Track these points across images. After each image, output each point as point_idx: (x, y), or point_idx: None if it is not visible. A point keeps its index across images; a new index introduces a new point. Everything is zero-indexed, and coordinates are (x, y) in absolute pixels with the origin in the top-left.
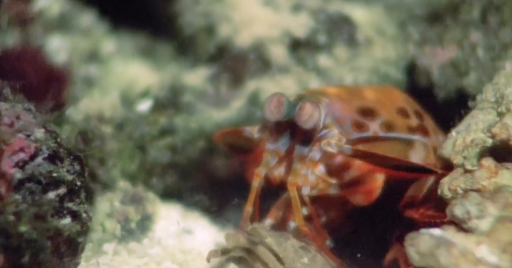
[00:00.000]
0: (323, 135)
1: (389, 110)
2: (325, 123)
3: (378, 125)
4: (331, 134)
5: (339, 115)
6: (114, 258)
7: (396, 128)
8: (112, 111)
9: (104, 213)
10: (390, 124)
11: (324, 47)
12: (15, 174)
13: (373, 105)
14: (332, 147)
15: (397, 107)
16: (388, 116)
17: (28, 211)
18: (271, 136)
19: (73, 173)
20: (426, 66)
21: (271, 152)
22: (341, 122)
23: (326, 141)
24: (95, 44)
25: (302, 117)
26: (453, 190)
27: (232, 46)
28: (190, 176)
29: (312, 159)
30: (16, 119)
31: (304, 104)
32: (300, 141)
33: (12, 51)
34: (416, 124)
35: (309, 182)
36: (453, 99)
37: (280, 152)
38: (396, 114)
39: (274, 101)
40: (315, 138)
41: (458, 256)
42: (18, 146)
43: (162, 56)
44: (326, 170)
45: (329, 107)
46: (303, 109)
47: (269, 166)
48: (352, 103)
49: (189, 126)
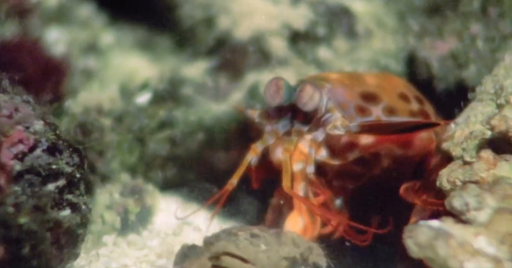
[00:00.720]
0: (326, 119)
1: (390, 95)
2: (327, 107)
3: (381, 109)
4: (335, 118)
5: (342, 99)
6: (114, 249)
7: (398, 112)
8: (111, 103)
9: (103, 205)
10: (392, 108)
11: (323, 39)
12: (15, 165)
13: (374, 90)
14: (339, 129)
15: (398, 92)
16: (390, 101)
17: (28, 203)
18: (271, 121)
19: (72, 165)
20: (425, 58)
21: (270, 132)
22: (344, 107)
23: (332, 125)
24: (94, 36)
25: (303, 99)
26: (452, 182)
27: (232, 39)
28: (190, 169)
29: (315, 140)
30: (15, 111)
31: (305, 86)
32: (301, 121)
33: (10, 43)
34: (417, 108)
35: (313, 161)
36: (452, 91)
37: (279, 133)
38: (398, 98)
39: (273, 85)
40: (316, 120)
41: (456, 247)
42: (17, 138)
43: (161, 48)
44: (329, 153)
45: (332, 92)
46: (303, 91)
47: (267, 144)
48: (354, 88)
49: (188, 119)
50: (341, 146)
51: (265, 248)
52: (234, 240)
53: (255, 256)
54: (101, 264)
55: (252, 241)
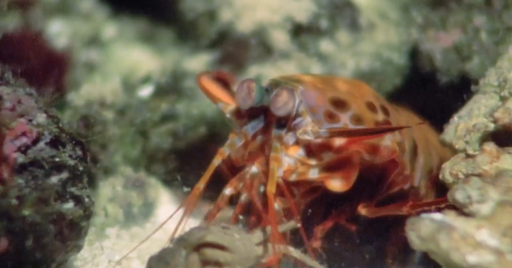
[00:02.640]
0: (297, 124)
1: (359, 103)
2: (298, 111)
3: (349, 117)
4: (306, 122)
5: (313, 104)
6: (117, 242)
7: (364, 122)
8: (114, 96)
9: (106, 198)
10: (359, 117)
11: (326, 32)
12: (18, 158)
13: (344, 97)
14: (309, 134)
15: (365, 101)
16: (357, 109)
17: (31, 195)
18: (241, 120)
19: (75, 158)
20: (429, 50)
21: (238, 133)
22: (314, 111)
23: (302, 130)
24: (96, 29)
25: (277, 104)
26: (455, 174)
27: (234, 32)
28: (192, 162)
29: (286, 143)
30: (18, 104)
31: (281, 91)
32: (276, 125)
33: (12, 35)
34: (383, 119)
35: (283, 164)
36: (455, 84)
37: (247, 135)
38: (365, 107)
39: (244, 88)
40: (289, 124)
41: (458, 239)
42: (20, 131)
43: (163, 41)
44: (306, 152)
45: (304, 95)
46: (279, 96)
47: (234, 147)
48: (325, 93)
49: (190, 112)
50: (316, 146)
51: (239, 236)
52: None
53: (232, 244)
54: (105, 257)
55: (225, 231)
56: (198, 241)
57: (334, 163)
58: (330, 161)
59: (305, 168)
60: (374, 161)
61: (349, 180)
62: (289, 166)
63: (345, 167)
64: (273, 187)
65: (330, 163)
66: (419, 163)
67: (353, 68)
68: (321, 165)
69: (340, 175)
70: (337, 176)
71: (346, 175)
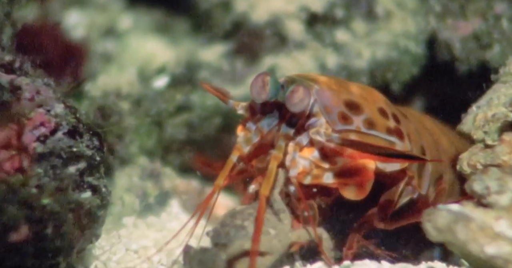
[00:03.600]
0: (312, 123)
1: (371, 108)
2: (312, 110)
3: (361, 120)
4: (320, 123)
5: (328, 104)
6: (134, 231)
7: (376, 127)
8: (130, 87)
9: (123, 188)
10: (371, 121)
11: (341, 22)
12: (37, 148)
13: (358, 100)
14: (321, 135)
15: (377, 107)
16: (370, 114)
17: (50, 184)
18: (254, 116)
19: (92, 148)
20: (447, 39)
21: (253, 130)
22: (329, 112)
23: (315, 130)
24: (112, 20)
25: (293, 100)
26: (472, 165)
27: (248, 22)
28: (207, 152)
29: (299, 143)
30: (37, 94)
31: (298, 88)
32: (286, 122)
33: (31, 26)
34: (393, 126)
35: (297, 165)
36: (475, 73)
37: (263, 131)
38: (377, 113)
39: (259, 81)
40: (302, 123)
41: (476, 230)
42: (38, 121)
43: (178, 32)
44: (320, 154)
45: (319, 94)
46: (295, 92)
47: (251, 143)
48: (340, 95)
49: (205, 103)
50: (331, 150)
51: (274, 232)
52: (245, 235)
53: (270, 245)
54: (122, 245)
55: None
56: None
57: (348, 169)
58: (344, 167)
59: (320, 171)
60: (385, 169)
61: (364, 188)
62: (304, 168)
63: (360, 174)
64: (266, 190)
65: (345, 168)
66: (427, 171)
67: (369, 58)
68: (335, 169)
69: (355, 182)
70: (352, 183)
71: (361, 183)
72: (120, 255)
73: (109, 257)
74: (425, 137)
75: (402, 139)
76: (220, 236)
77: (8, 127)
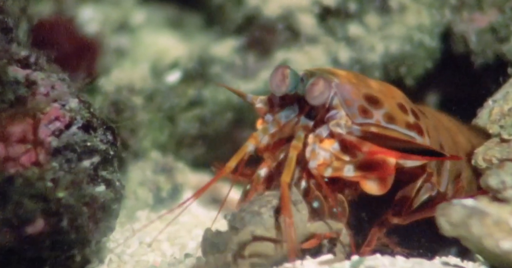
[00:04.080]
0: (331, 116)
1: (390, 103)
2: (332, 103)
3: (381, 114)
4: (340, 115)
5: (348, 97)
6: (146, 225)
7: (396, 122)
8: (142, 82)
9: (136, 182)
10: (391, 116)
11: (354, 15)
12: (52, 142)
13: (377, 94)
14: (341, 127)
15: (396, 102)
16: (390, 108)
17: (65, 178)
18: (272, 109)
19: (106, 142)
20: (463, 32)
21: (271, 121)
22: (349, 105)
23: (335, 122)
24: (125, 15)
25: (313, 93)
26: (488, 160)
27: (260, 16)
28: (219, 147)
29: (319, 135)
30: (52, 89)
31: (318, 80)
32: (306, 115)
33: (46, 21)
34: (413, 121)
35: (317, 156)
36: (491, 66)
37: (280, 123)
38: (397, 108)
39: (278, 74)
40: (322, 115)
41: (491, 225)
42: (53, 115)
43: (190, 27)
44: (341, 146)
45: (339, 87)
46: (315, 85)
47: (267, 133)
48: (359, 88)
49: (217, 98)
50: (351, 143)
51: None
52: (260, 221)
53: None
54: (136, 238)
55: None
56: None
57: (369, 162)
58: (365, 160)
59: (340, 163)
60: (405, 164)
61: (386, 182)
62: (325, 159)
63: (381, 168)
64: (288, 177)
65: (365, 161)
66: (446, 168)
67: (382, 52)
68: (356, 162)
69: (376, 176)
70: (373, 177)
71: (382, 177)
72: (134, 248)
73: (123, 250)
74: (443, 134)
75: (422, 135)
76: (235, 220)
77: (24, 121)
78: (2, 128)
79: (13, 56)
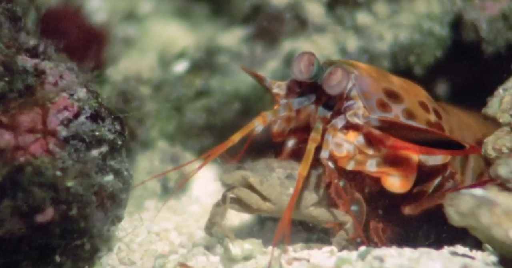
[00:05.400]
0: (348, 106)
1: (412, 100)
2: (350, 94)
3: (401, 110)
4: (357, 106)
5: (366, 89)
6: (155, 214)
7: (416, 118)
8: (150, 72)
9: (144, 171)
10: (411, 112)
11: (363, 4)
12: (61, 131)
13: (398, 90)
14: (359, 118)
15: (418, 100)
16: (410, 105)
17: (74, 167)
18: (289, 94)
19: (114, 132)
20: (474, 20)
21: (284, 105)
22: (367, 97)
23: (353, 112)
24: (133, 4)
25: (331, 82)
26: (498, 149)
27: (268, 6)
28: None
29: (334, 126)
30: (60, 78)
31: (336, 69)
32: (323, 105)
33: (54, 11)
34: (434, 120)
35: (341, 150)
36: (502, 54)
37: (291, 107)
38: (418, 105)
39: (304, 60)
40: (338, 105)
41: (500, 215)
42: (62, 105)
43: (198, 16)
44: (365, 140)
45: (358, 79)
46: (334, 74)
47: (278, 115)
48: (380, 82)
49: (224, 88)
50: (375, 137)
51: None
52: (266, 175)
53: (278, 197)
54: (144, 228)
55: (284, 182)
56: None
57: (392, 158)
58: (388, 154)
59: (363, 157)
60: (427, 162)
61: (408, 180)
62: (348, 152)
63: (403, 164)
64: (305, 170)
65: (388, 157)
66: (469, 166)
67: (391, 41)
68: (379, 157)
69: (399, 173)
70: (396, 173)
71: (405, 173)
72: (142, 237)
73: (132, 239)
74: (466, 132)
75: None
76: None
77: (33, 111)
78: (12, 117)
79: (22, 45)
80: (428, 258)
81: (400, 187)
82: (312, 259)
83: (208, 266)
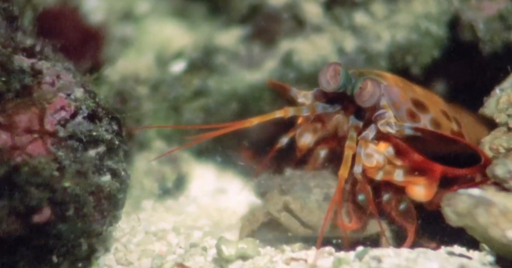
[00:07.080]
0: (379, 115)
1: (435, 109)
2: (380, 104)
3: (428, 119)
4: (388, 115)
5: (396, 99)
6: (153, 214)
7: (442, 127)
8: (147, 72)
9: (142, 172)
10: (437, 122)
11: (360, 4)
12: (58, 131)
13: (423, 100)
14: (391, 126)
15: (440, 109)
16: (435, 114)
17: (71, 168)
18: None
19: (111, 132)
20: (471, 20)
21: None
22: (397, 107)
23: (385, 121)
24: (130, 4)
25: (364, 97)
26: (495, 149)
27: (265, 5)
28: (224, 138)
29: (365, 138)
30: (57, 78)
31: (366, 82)
32: (355, 116)
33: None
34: (456, 129)
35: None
36: (499, 55)
37: (314, 110)
38: (441, 114)
39: (330, 70)
40: (369, 115)
41: (497, 215)
42: (59, 105)
43: (195, 16)
44: (394, 150)
45: (387, 90)
46: (365, 88)
47: (300, 113)
48: (407, 92)
49: (221, 88)
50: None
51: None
52: (304, 198)
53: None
54: (141, 228)
55: (321, 205)
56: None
57: (417, 167)
58: (414, 164)
59: (392, 167)
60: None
61: (432, 188)
62: (378, 163)
63: (427, 173)
64: (345, 172)
65: (414, 166)
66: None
67: (388, 41)
68: (406, 167)
69: (423, 182)
70: (421, 182)
71: (429, 182)
72: (139, 238)
73: (129, 239)
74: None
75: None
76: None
77: (30, 111)
78: (8, 117)
79: (19, 45)
80: (425, 258)
81: (425, 196)
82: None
83: (205, 266)
